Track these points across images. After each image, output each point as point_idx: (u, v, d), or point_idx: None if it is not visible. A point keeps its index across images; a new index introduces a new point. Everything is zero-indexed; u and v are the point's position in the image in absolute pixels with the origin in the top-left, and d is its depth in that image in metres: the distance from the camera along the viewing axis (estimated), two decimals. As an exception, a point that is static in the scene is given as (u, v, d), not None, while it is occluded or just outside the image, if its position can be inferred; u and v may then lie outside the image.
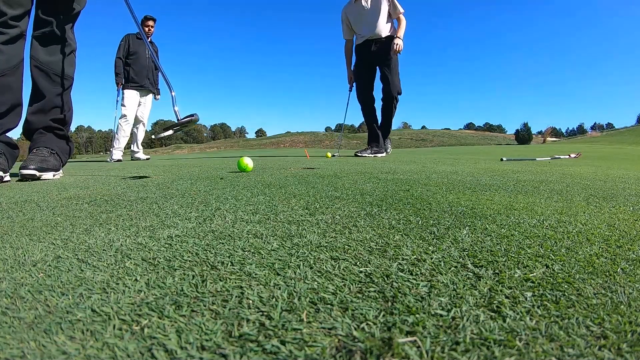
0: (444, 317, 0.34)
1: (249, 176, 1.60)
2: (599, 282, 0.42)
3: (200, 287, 0.41)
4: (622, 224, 0.71)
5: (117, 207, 0.91)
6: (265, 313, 0.35)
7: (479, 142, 58.11)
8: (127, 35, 4.93)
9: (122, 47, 4.87)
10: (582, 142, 39.07)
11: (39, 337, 0.32)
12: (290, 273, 0.45)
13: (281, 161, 3.01)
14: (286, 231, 0.65)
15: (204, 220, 0.75)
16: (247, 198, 1.01)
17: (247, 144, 66.50)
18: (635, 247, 0.56)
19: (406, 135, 69.11)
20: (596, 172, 1.99)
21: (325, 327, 0.32)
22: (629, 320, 0.33)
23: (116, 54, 4.87)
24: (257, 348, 0.30)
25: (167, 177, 1.64)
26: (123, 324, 0.34)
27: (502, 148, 16.62)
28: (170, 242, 0.59)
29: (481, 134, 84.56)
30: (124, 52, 4.87)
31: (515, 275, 0.44)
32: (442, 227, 0.67)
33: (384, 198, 1.00)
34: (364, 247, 0.55)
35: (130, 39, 4.89)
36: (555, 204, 0.93)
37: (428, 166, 2.26)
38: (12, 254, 0.54)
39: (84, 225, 0.72)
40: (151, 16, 4.87)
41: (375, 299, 0.38)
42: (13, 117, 1.72)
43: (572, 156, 4.17)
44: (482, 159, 3.75)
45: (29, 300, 0.39)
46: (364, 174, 1.70)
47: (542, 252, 0.53)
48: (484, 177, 1.59)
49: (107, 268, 0.48)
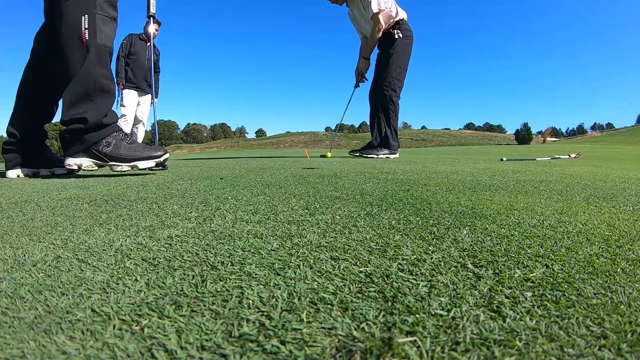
0: (444, 317, 0.34)
1: (249, 176, 1.60)
2: (599, 282, 0.42)
3: (200, 287, 0.41)
4: (622, 224, 0.71)
5: (117, 207, 0.91)
6: (265, 313, 0.35)
7: (478, 142, 58.10)
8: (130, 35, 4.92)
9: (125, 45, 4.86)
10: (582, 142, 39.06)
11: (39, 337, 0.32)
12: (290, 273, 0.45)
13: (281, 161, 3.01)
14: (286, 231, 0.65)
15: (204, 220, 0.75)
16: (247, 198, 1.01)
17: (247, 144, 66.47)
18: (635, 247, 0.56)
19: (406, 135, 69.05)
20: (596, 172, 1.99)
21: (325, 327, 0.32)
22: (629, 320, 0.33)
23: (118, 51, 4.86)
24: (257, 348, 0.30)
25: (167, 177, 1.64)
26: (123, 324, 0.34)
27: (502, 148, 16.62)
28: (170, 242, 0.59)
29: (481, 134, 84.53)
30: (125, 51, 4.87)
31: (515, 275, 0.44)
32: (442, 227, 0.67)
33: (384, 198, 1.00)
34: (364, 247, 0.55)
35: (133, 38, 4.89)
36: (555, 204, 0.93)
37: (428, 166, 2.26)
38: (12, 254, 0.54)
39: (84, 225, 0.72)
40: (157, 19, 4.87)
41: (375, 299, 0.38)
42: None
43: (572, 156, 4.17)
44: (482, 159, 3.74)
45: (29, 300, 0.39)
46: (364, 174, 1.70)
47: (542, 252, 0.53)
48: (484, 177, 1.59)
49: (107, 268, 0.48)
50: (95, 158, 1.71)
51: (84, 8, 1.62)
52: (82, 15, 1.61)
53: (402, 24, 3.65)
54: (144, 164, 1.78)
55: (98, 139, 1.70)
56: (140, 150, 1.78)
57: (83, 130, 1.67)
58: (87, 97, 1.66)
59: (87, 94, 1.65)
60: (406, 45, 3.65)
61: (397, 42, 3.58)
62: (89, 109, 1.65)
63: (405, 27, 3.66)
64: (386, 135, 3.74)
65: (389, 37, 3.63)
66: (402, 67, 3.66)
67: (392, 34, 3.60)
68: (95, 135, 1.69)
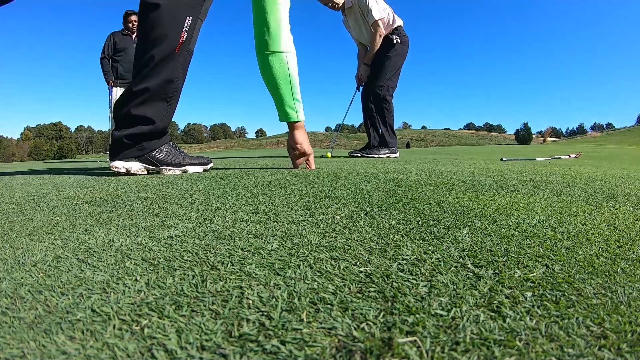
0: (444, 317, 0.34)
1: (249, 176, 1.60)
2: (599, 282, 0.42)
3: (200, 287, 0.41)
4: (622, 224, 0.71)
5: (117, 207, 0.91)
6: (265, 313, 0.35)
7: (478, 142, 58.06)
8: (112, 34, 4.90)
9: (107, 45, 4.85)
10: (582, 142, 39.07)
11: (39, 337, 0.32)
12: (290, 273, 0.45)
13: (281, 161, 3.01)
14: (286, 231, 0.65)
15: (204, 220, 0.75)
16: (247, 198, 1.01)
17: (247, 144, 66.42)
18: (635, 247, 0.56)
19: (406, 135, 69.01)
20: (596, 172, 1.99)
21: (325, 327, 0.32)
22: (629, 320, 0.33)
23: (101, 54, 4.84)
24: (257, 348, 0.30)
25: (167, 177, 1.64)
26: (123, 324, 0.34)
27: (502, 148, 16.61)
28: (170, 242, 0.59)
29: (481, 134, 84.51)
30: (109, 51, 4.85)
31: (515, 275, 0.44)
32: (442, 227, 0.67)
33: (384, 198, 1.00)
34: (364, 247, 0.55)
35: (114, 36, 4.87)
36: (555, 204, 0.93)
37: (428, 166, 2.25)
38: (12, 254, 0.54)
39: (84, 225, 0.72)
40: (133, 11, 4.81)
41: (375, 299, 0.38)
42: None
43: (572, 156, 4.17)
44: (482, 159, 3.74)
45: (29, 300, 0.39)
46: (364, 174, 1.70)
47: (542, 252, 0.53)
48: (484, 177, 1.59)
49: (107, 268, 0.48)
50: (147, 163, 1.65)
51: (190, 9, 1.55)
52: (187, 16, 1.55)
53: (400, 30, 3.81)
54: (194, 169, 1.77)
55: (157, 146, 1.63)
56: (188, 157, 1.76)
57: (147, 135, 1.59)
58: (163, 99, 1.59)
59: (164, 96, 1.58)
60: (403, 50, 3.81)
61: (395, 46, 3.72)
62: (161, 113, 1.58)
63: (402, 33, 3.81)
64: (383, 134, 3.90)
65: (387, 42, 3.78)
66: (397, 69, 3.82)
67: (390, 39, 3.75)
68: (156, 142, 1.62)
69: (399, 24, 3.78)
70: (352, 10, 3.77)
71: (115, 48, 4.84)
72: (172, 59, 1.57)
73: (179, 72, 1.61)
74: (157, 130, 1.61)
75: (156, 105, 1.59)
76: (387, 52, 3.73)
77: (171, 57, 1.57)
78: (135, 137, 1.60)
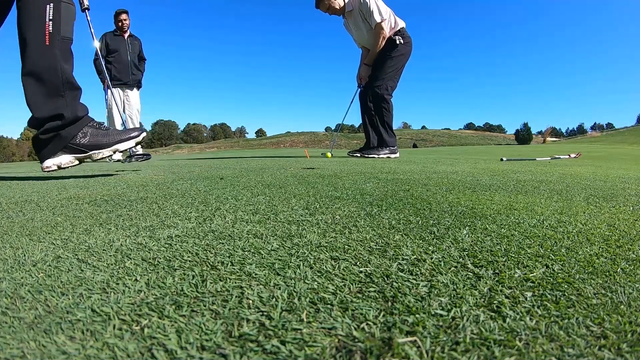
0: (444, 317, 0.34)
1: (249, 176, 1.60)
2: (599, 282, 0.42)
3: (200, 287, 0.41)
4: (622, 224, 0.71)
5: (117, 207, 0.91)
6: (265, 313, 0.35)
7: (478, 142, 58.10)
8: (104, 35, 4.87)
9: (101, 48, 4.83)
10: (582, 142, 39.07)
11: (39, 337, 0.32)
12: (290, 273, 0.45)
13: (281, 161, 3.01)
14: (286, 231, 0.65)
15: (204, 220, 0.75)
16: (247, 198, 1.01)
17: (247, 144, 66.46)
18: (635, 247, 0.56)
19: (406, 135, 69.07)
20: (596, 172, 1.99)
21: (325, 327, 0.32)
22: (629, 320, 0.33)
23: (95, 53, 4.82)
24: (257, 348, 0.30)
25: (167, 177, 1.64)
26: (123, 324, 0.34)
27: (502, 148, 16.61)
28: (170, 242, 0.59)
29: (481, 134, 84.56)
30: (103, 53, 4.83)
31: (515, 275, 0.44)
32: (442, 227, 0.67)
33: (384, 198, 1.00)
34: (364, 247, 0.55)
35: (107, 37, 4.85)
36: (555, 204, 0.93)
37: (428, 166, 2.25)
38: (12, 254, 0.54)
39: (84, 225, 0.72)
40: (122, 9, 4.77)
41: (375, 299, 0.38)
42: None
43: (572, 156, 4.17)
44: (482, 159, 3.74)
45: (29, 300, 0.39)
46: (364, 174, 1.70)
47: (542, 252, 0.53)
48: (484, 177, 1.59)
49: (107, 268, 0.48)
50: (74, 152, 1.63)
51: None
52: (46, 5, 1.50)
53: (403, 31, 3.81)
54: (125, 145, 1.71)
55: (75, 132, 1.62)
56: (117, 134, 1.72)
57: (60, 127, 1.58)
58: (57, 93, 1.57)
59: (56, 90, 1.57)
60: (406, 49, 3.81)
61: (397, 47, 3.72)
62: (62, 105, 1.57)
63: (405, 34, 3.82)
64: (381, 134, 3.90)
65: (389, 42, 3.78)
66: (398, 70, 3.82)
67: (393, 40, 3.75)
68: (72, 129, 1.61)
69: (401, 26, 3.80)
70: (352, 14, 3.79)
71: (108, 49, 4.82)
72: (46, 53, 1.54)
73: (59, 62, 1.57)
74: (69, 121, 1.61)
75: (55, 101, 1.58)
76: (389, 51, 3.74)
77: (45, 52, 1.54)
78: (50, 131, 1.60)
